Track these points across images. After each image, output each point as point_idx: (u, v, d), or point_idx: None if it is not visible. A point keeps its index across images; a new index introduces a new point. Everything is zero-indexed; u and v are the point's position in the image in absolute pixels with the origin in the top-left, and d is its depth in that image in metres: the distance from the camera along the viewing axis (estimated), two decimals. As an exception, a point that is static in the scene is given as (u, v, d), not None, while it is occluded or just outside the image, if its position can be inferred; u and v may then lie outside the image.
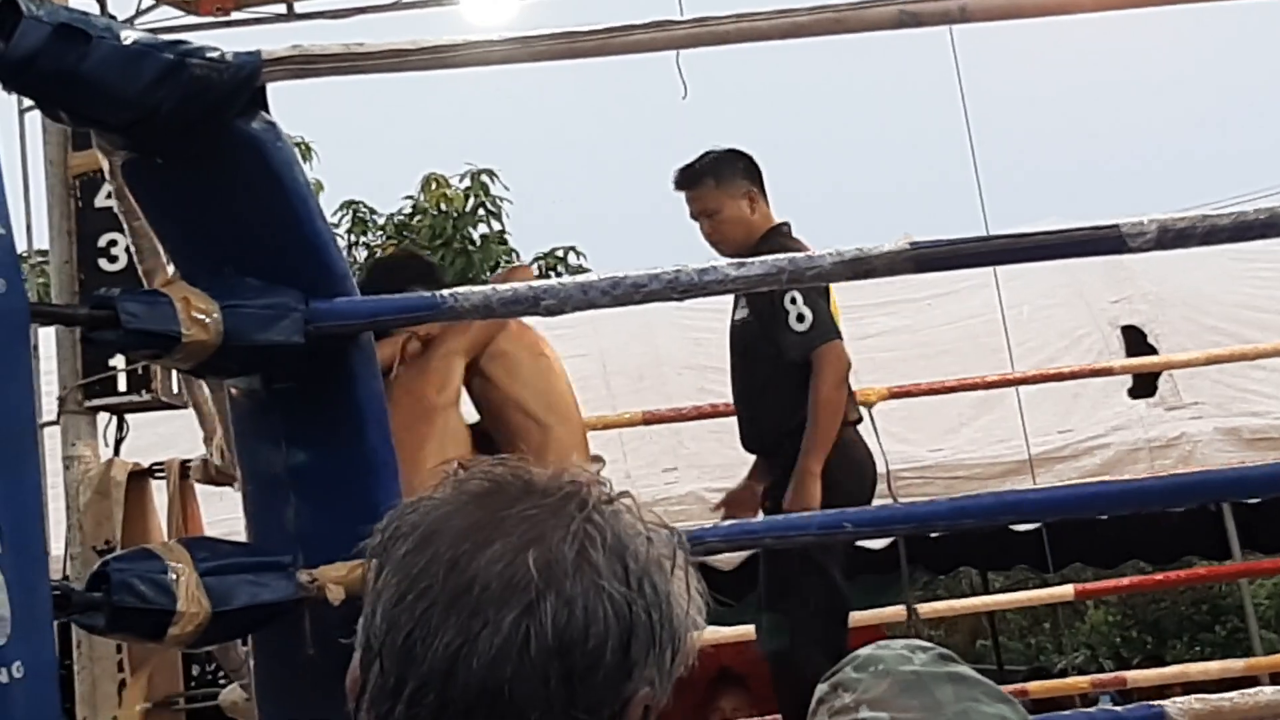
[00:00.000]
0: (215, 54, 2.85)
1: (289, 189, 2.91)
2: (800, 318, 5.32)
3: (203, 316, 2.78)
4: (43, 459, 3.53)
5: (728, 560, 7.83)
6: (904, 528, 3.35)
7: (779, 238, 5.52)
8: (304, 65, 2.91)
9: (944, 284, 9.58)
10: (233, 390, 3.05)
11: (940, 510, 3.00)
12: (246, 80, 2.86)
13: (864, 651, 1.82)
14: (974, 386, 7.01)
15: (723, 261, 2.90)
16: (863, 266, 2.97)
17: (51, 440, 5.81)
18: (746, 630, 6.14)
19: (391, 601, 1.26)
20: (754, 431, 5.62)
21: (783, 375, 5.38)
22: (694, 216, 5.60)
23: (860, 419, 5.60)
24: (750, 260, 2.93)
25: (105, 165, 3.10)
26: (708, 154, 5.62)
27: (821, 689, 1.82)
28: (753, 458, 5.79)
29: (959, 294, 9.67)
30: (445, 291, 2.95)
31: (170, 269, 3.11)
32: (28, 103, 5.56)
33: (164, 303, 2.76)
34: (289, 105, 3.09)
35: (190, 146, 2.87)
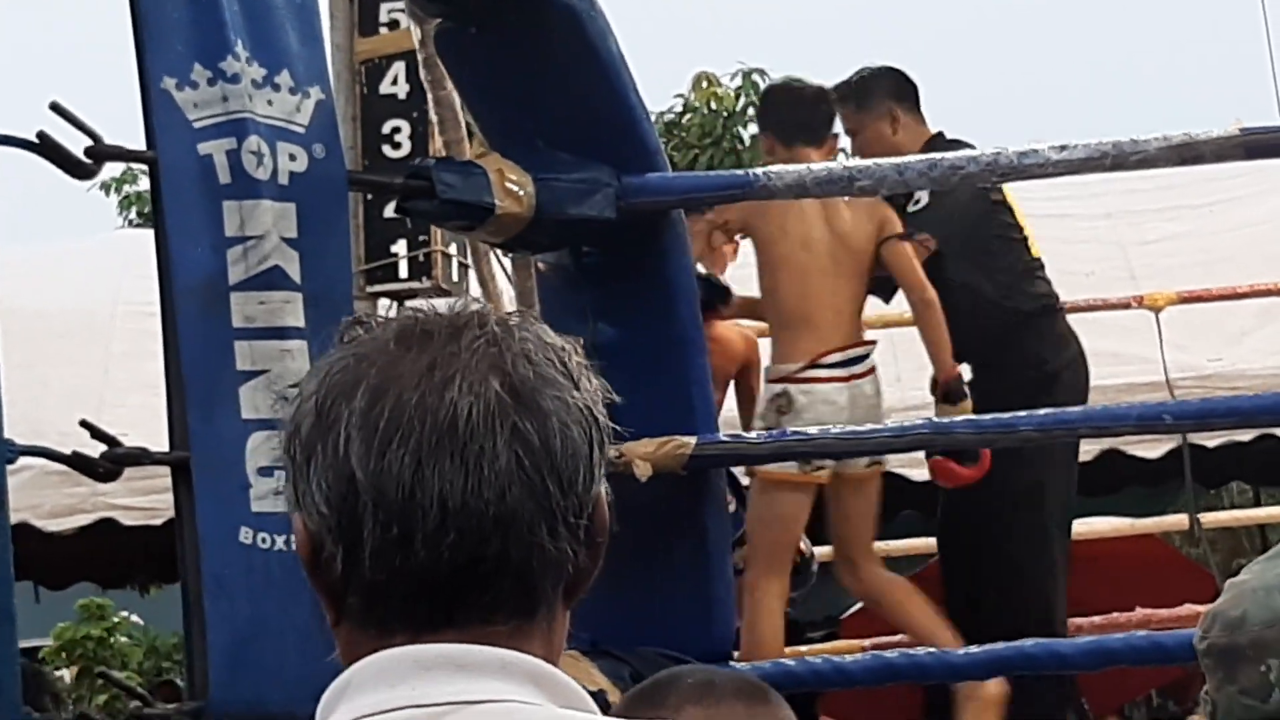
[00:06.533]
0: (532, -83, 2.81)
1: (603, 60, 2.87)
2: None
3: (516, 189, 2.76)
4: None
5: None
6: (1225, 421, 3.26)
7: (941, 147, 5.34)
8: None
9: (1226, 190, 9.29)
10: (540, 265, 3.04)
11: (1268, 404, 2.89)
12: (563, -57, 2.83)
13: None
14: (1268, 293, 6.78)
15: (1044, 144, 2.80)
16: (1191, 152, 2.86)
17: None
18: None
19: (365, 456, 1.23)
20: None
21: None
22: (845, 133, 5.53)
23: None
24: (1073, 144, 2.84)
25: (416, 34, 3.09)
26: (857, 73, 5.43)
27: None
28: None
29: (1241, 200, 9.38)
30: (759, 170, 2.90)
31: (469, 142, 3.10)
32: (318, -14, 5.60)
33: (479, 174, 2.75)
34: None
35: (506, 14, 2.85)
